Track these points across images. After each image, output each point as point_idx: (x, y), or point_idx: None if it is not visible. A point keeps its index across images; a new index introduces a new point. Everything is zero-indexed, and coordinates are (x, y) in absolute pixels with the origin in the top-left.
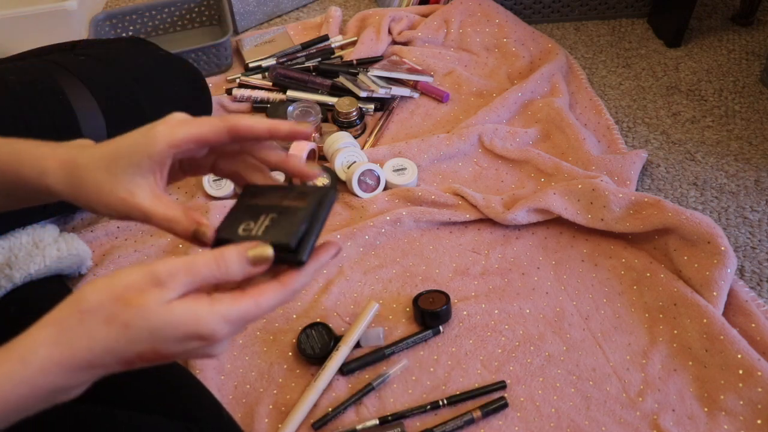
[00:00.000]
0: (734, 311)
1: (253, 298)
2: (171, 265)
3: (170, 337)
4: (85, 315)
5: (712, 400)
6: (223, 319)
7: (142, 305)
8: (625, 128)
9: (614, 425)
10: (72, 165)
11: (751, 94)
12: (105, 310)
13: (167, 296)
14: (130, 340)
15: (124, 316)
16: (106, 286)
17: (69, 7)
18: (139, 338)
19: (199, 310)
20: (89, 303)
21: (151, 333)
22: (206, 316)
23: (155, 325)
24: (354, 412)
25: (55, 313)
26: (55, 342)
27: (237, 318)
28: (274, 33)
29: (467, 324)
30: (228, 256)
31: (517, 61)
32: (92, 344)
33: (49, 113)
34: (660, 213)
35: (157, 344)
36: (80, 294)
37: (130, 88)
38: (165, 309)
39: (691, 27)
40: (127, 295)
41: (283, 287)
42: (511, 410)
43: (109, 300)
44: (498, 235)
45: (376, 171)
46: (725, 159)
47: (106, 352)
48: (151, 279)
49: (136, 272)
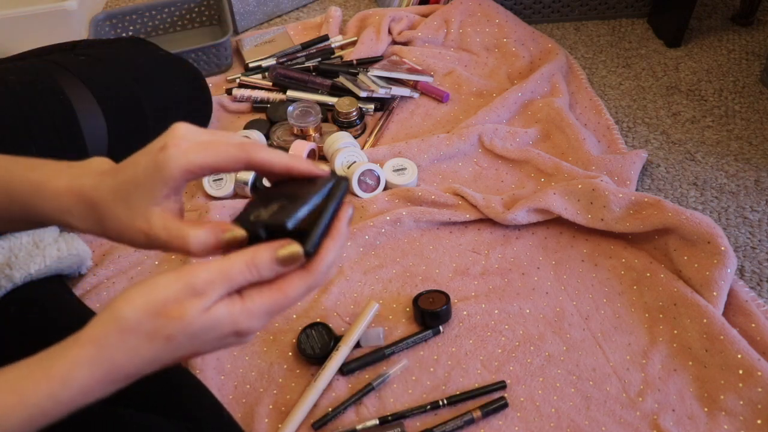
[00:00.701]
0: (734, 311)
1: (281, 289)
2: (207, 273)
3: (210, 339)
4: (126, 333)
5: (712, 400)
6: (257, 315)
7: (183, 317)
8: (625, 128)
9: (614, 425)
10: (91, 202)
11: (751, 94)
12: (146, 327)
13: (205, 304)
14: (172, 349)
15: (167, 330)
16: (144, 302)
17: (69, 7)
18: (181, 347)
19: (234, 310)
20: (129, 321)
21: (192, 340)
22: (241, 315)
23: (196, 332)
24: (354, 412)
25: (93, 331)
26: (97, 362)
27: (270, 311)
28: (274, 33)
29: (467, 324)
30: (259, 260)
31: (517, 61)
32: (135, 359)
33: (49, 113)
34: (660, 213)
35: (198, 347)
36: (118, 311)
37: (131, 88)
38: (204, 316)
39: (691, 27)
40: (167, 308)
41: (309, 273)
42: (511, 410)
43: (148, 316)
44: (498, 235)
45: (376, 171)
46: (725, 159)
47: (147, 365)
48: (190, 290)
49: (173, 284)
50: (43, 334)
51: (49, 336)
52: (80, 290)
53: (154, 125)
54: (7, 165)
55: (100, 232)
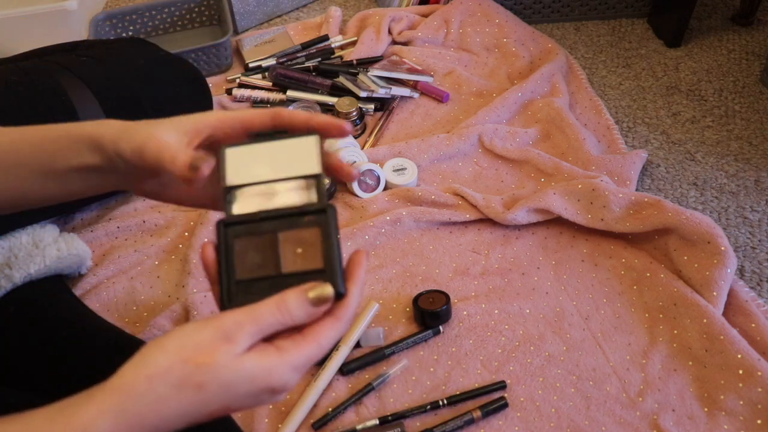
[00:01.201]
0: (734, 311)
1: (315, 340)
2: (236, 317)
3: (243, 393)
4: (155, 380)
5: (712, 400)
6: (293, 369)
7: (213, 363)
8: (625, 128)
9: (614, 425)
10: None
11: (751, 94)
12: (175, 373)
13: (236, 350)
14: (203, 401)
15: (197, 377)
16: (175, 347)
17: (69, 7)
18: (212, 398)
19: (269, 363)
20: (158, 366)
21: (224, 390)
22: (277, 369)
23: (227, 382)
24: (354, 412)
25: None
26: (122, 410)
27: (305, 364)
28: (274, 33)
29: (467, 324)
30: (290, 302)
31: (517, 61)
32: (163, 409)
33: (51, 113)
34: (660, 213)
35: (230, 401)
36: (147, 357)
37: (131, 88)
38: (236, 364)
39: (691, 27)
40: (198, 355)
41: (338, 321)
42: (511, 410)
43: (179, 362)
44: (498, 235)
45: (376, 171)
46: (725, 159)
47: (176, 416)
48: (220, 334)
49: (204, 330)
50: (43, 334)
51: (49, 336)
52: (80, 290)
53: None
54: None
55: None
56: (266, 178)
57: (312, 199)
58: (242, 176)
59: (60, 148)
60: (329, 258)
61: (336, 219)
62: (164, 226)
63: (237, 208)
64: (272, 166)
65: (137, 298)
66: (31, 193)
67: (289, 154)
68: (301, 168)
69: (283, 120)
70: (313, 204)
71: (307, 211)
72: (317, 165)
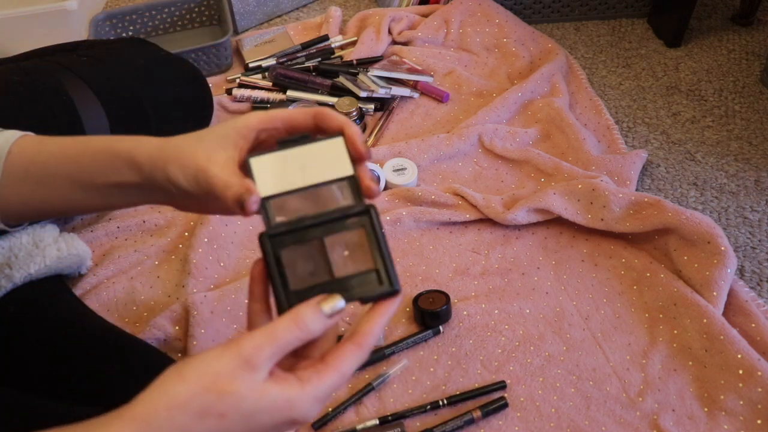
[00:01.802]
0: (734, 311)
1: (337, 369)
2: (255, 340)
3: (265, 423)
4: (176, 410)
5: (712, 400)
6: (315, 400)
7: (235, 392)
8: (625, 128)
9: (614, 425)
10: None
11: (751, 94)
12: (197, 403)
13: (257, 377)
14: (224, 430)
15: (219, 406)
16: (196, 376)
17: (69, 7)
18: (233, 427)
19: (291, 394)
20: (180, 396)
21: (245, 420)
22: (300, 400)
23: (250, 411)
24: (354, 412)
25: (141, 407)
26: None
27: (327, 395)
28: (274, 33)
29: (467, 324)
30: (305, 317)
31: (517, 61)
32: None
33: (52, 113)
34: (660, 213)
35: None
36: (167, 386)
37: (132, 88)
38: (258, 393)
39: (691, 27)
40: (219, 383)
41: (360, 349)
42: (511, 410)
43: (200, 391)
44: (498, 235)
45: (376, 171)
46: (725, 159)
47: None
48: (240, 361)
49: (224, 358)
50: (43, 334)
51: (50, 336)
52: (80, 290)
53: (156, 124)
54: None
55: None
56: (300, 185)
57: (349, 201)
58: (275, 185)
59: (98, 164)
60: (380, 257)
61: (379, 217)
62: (164, 226)
63: (276, 218)
64: (303, 172)
65: (137, 298)
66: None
67: (318, 159)
68: (333, 171)
69: (324, 121)
70: (352, 206)
71: (349, 214)
72: (349, 167)
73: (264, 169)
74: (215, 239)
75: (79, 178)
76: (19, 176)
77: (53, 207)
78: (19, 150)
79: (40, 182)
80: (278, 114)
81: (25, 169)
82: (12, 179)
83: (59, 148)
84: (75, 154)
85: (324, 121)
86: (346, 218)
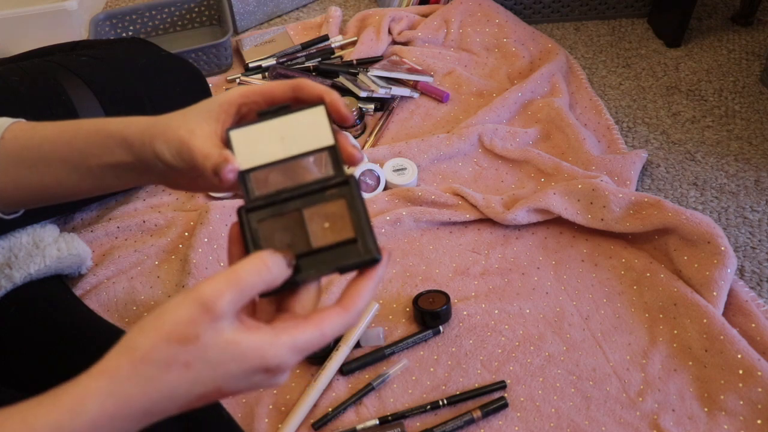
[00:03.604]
0: (734, 311)
1: (317, 326)
2: (214, 285)
3: (234, 373)
4: (139, 363)
5: (712, 400)
6: (290, 350)
7: (198, 341)
8: (625, 128)
9: (614, 425)
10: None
11: (751, 94)
12: (160, 354)
13: (222, 325)
14: (192, 381)
15: (183, 356)
16: (154, 327)
17: (69, 7)
18: (200, 378)
19: (263, 341)
20: (141, 349)
21: (212, 369)
22: (272, 348)
23: (215, 360)
24: (354, 412)
25: (107, 362)
26: (109, 393)
27: (303, 347)
28: (274, 33)
29: (467, 324)
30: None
31: (517, 61)
32: (150, 392)
33: (51, 113)
34: (660, 213)
35: (221, 382)
36: (130, 341)
37: (132, 88)
38: (224, 342)
39: (691, 27)
40: (179, 332)
41: (346, 311)
42: (511, 410)
43: (162, 343)
44: (498, 235)
45: (376, 171)
46: (725, 159)
47: (166, 399)
48: (200, 307)
49: (182, 306)
50: (43, 334)
51: (49, 336)
52: (80, 290)
53: None
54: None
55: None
56: (279, 156)
57: (329, 171)
58: (254, 158)
59: (91, 145)
60: (359, 226)
61: (359, 188)
62: (164, 226)
63: (255, 191)
64: (283, 143)
65: (137, 298)
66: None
67: (299, 129)
68: (314, 141)
69: (303, 90)
70: (332, 177)
71: (329, 185)
72: (330, 136)
73: (244, 142)
74: (215, 239)
75: (72, 160)
76: (13, 161)
77: (48, 191)
78: (12, 135)
79: (35, 166)
80: (257, 88)
81: (18, 154)
82: (6, 164)
83: (52, 132)
84: (69, 137)
85: (303, 91)
86: (325, 190)
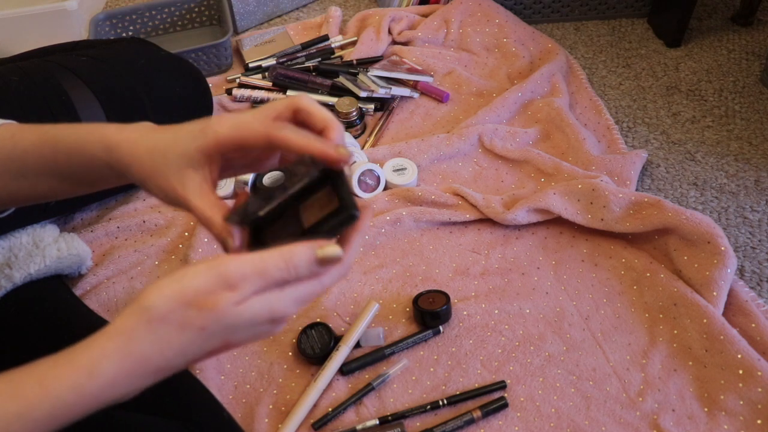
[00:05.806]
0: (734, 311)
1: (317, 278)
2: (242, 267)
3: (244, 329)
4: (156, 323)
5: (712, 400)
6: (293, 301)
7: (215, 308)
8: (625, 128)
9: (614, 425)
10: (135, 144)
11: (751, 94)
12: (177, 317)
13: (238, 298)
14: (204, 340)
15: (199, 321)
16: (174, 291)
17: (69, 7)
18: (213, 338)
19: (271, 299)
20: (159, 310)
21: (225, 331)
22: (279, 303)
23: (231, 325)
24: (354, 412)
25: (122, 322)
26: (125, 353)
27: (305, 297)
28: (274, 33)
29: (467, 324)
30: (298, 260)
31: (517, 61)
32: (165, 350)
33: (51, 113)
34: (660, 213)
35: (230, 339)
36: (147, 301)
37: (132, 88)
38: (240, 308)
39: (691, 27)
40: (199, 299)
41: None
42: (511, 410)
43: (180, 306)
44: (498, 235)
45: (376, 171)
46: (725, 159)
47: (179, 356)
48: (222, 282)
49: (204, 275)
50: (43, 334)
51: (49, 336)
52: (80, 290)
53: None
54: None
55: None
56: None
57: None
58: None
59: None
60: (341, 195)
61: (342, 171)
62: (164, 226)
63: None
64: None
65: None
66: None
67: None
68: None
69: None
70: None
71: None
72: None
73: None
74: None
75: (60, 173)
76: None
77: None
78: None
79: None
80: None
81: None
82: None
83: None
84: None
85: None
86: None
